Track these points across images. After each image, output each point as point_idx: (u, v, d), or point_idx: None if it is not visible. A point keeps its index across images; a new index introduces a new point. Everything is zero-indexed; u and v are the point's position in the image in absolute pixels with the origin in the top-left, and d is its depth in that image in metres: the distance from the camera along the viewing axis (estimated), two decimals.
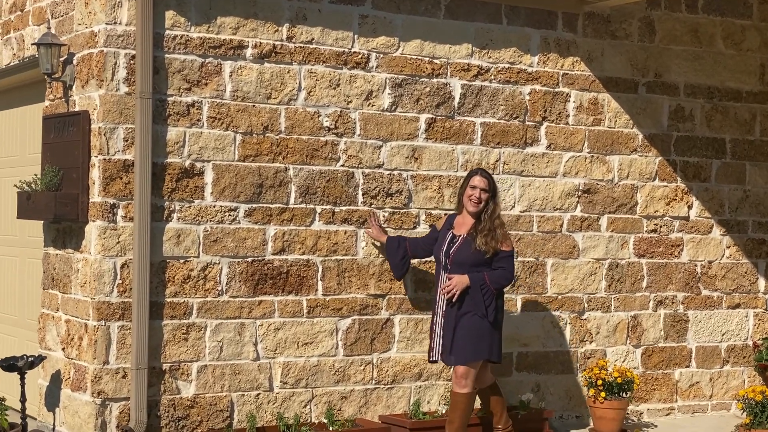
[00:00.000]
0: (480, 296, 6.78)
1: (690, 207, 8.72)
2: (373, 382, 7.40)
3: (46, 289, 7.28)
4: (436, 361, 6.99)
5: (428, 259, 7.35)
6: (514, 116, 7.93)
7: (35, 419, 7.30)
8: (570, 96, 8.15)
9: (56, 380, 7.04)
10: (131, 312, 6.59)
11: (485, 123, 7.81)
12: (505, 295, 7.83)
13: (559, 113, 8.11)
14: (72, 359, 6.83)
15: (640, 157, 8.49)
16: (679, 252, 8.67)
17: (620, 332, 8.41)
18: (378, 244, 7.35)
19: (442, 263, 6.92)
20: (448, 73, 7.66)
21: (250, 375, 7.00)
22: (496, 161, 7.86)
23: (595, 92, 8.26)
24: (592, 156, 8.27)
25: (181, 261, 6.79)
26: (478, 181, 6.90)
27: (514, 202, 7.94)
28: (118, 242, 6.60)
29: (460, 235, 6.90)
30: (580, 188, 8.22)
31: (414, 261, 7.42)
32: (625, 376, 7.82)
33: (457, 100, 7.70)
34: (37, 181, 6.98)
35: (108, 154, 6.58)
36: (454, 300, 6.79)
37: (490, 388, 7.12)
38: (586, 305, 8.25)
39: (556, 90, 8.09)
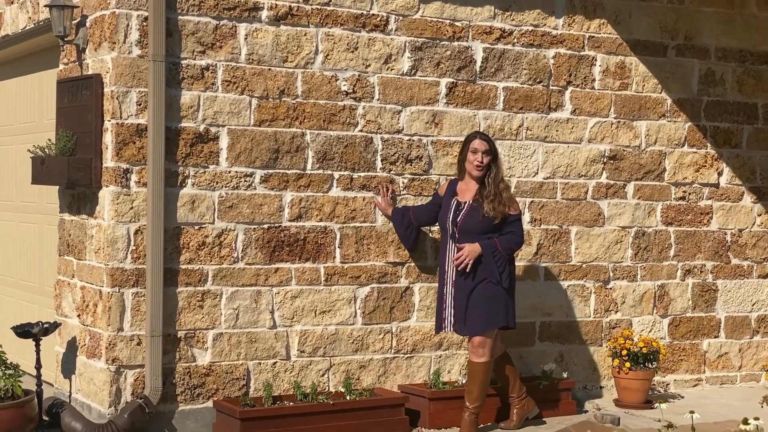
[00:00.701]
0: (493, 263, 6.64)
1: (720, 174, 8.50)
2: (392, 351, 7.29)
3: (61, 255, 7.22)
4: (444, 331, 6.88)
5: None
6: (538, 80, 7.74)
7: (52, 385, 7.27)
8: (596, 59, 7.95)
9: (72, 347, 6.99)
10: (145, 279, 6.51)
11: (508, 87, 7.62)
12: (528, 264, 7.70)
13: (585, 77, 7.90)
14: (87, 326, 6.78)
15: (669, 122, 8.28)
16: (708, 220, 8.46)
17: (647, 302, 8.23)
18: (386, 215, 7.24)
19: (449, 232, 6.78)
20: (470, 36, 7.48)
21: (267, 343, 6.91)
22: (519, 127, 7.68)
23: (623, 56, 8.04)
24: (619, 121, 8.07)
25: (196, 227, 6.69)
26: (478, 144, 6.75)
27: (538, 169, 7.76)
28: (132, 208, 6.51)
29: (466, 202, 6.76)
30: (606, 154, 8.03)
31: (434, 228, 7.28)
32: (651, 347, 7.67)
33: (478, 63, 7.52)
34: (51, 146, 6.90)
35: (121, 118, 6.48)
36: (467, 270, 6.65)
37: (501, 358, 6.99)
38: (611, 274, 8.08)
39: (582, 53, 7.88)
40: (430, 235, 7.34)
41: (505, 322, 6.74)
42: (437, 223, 7.05)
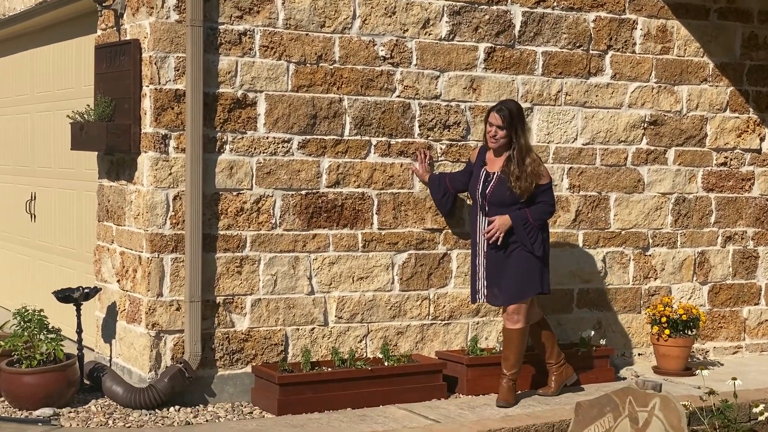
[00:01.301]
0: (524, 233, 6.58)
1: (762, 139, 8.39)
2: (430, 317, 7.28)
3: (100, 221, 7.25)
4: (477, 302, 6.86)
5: None
6: (578, 45, 7.65)
7: (92, 350, 7.33)
8: (637, 23, 7.84)
9: (112, 312, 7.04)
10: (184, 244, 6.53)
11: (547, 52, 7.54)
12: (567, 230, 7.66)
13: (626, 41, 7.81)
14: (127, 291, 6.81)
15: (711, 87, 8.17)
16: (749, 186, 8.36)
17: (686, 269, 8.16)
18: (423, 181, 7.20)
19: (478, 203, 6.72)
20: (509, 0, 7.39)
21: (305, 309, 6.92)
22: (558, 92, 7.60)
23: (664, 19, 7.93)
24: (660, 86, 7.97)
25: (234, 193, 6.70)
26: (493, 118, 6.64)
27: (577, 135, 7.69)
28: (171, 174, 6.52)
29: (494, 173, 6.67)
30: (647, 120, 7.94)
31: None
32: (691, 314, 7.62)
33: (517, 28, 7.44)
34: (90, 111, 6.92)
35: (159, 83, 6.47)
36: (499, 243, 6.61)
37: (538, 324, 6.96)
38: (650, 241, 8.01)
39: (623, 17, 7.78)
40: (468, 202, 7.30)
41: (539, 290, 6.70)
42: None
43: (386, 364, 6.91)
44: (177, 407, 6.50)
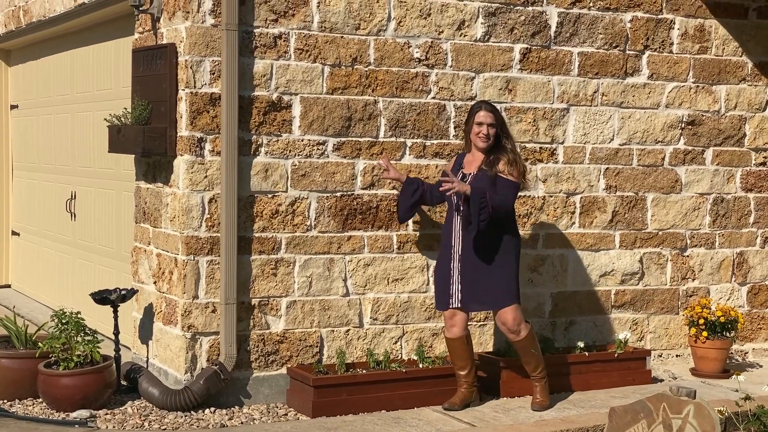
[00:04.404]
0: (477, 207, 6.28)
1: None
2: None
3: (138, 222, 7.32)
4: (457, 308, 6.55)
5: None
6: (614, 45, 7.59)
7: (129, 349, 7.40)
8: (674, 23, 7.77)
9: (149, 313, 7.10)
10: (220, 247, 6.57)
11: (583, 53, 7.50)
12: (603, 231, 7.61)
13: (663, 41, 7.74)
14: (163, 293, 6.87)
15: (749, 86, 8.08)
16: None
17: (725, 269, 8.09)
18: (394, 184, 7.01)
19: (453, 203, 6.55)
20: (545, 1, 7.35)
21: (340, 311, 6.94)
22: (594, 92, 7.55)
23: (702, 18, 7.85)
24: (697, 86, 7.89)
25: (269, 195, 6.73)
26: (483, 116, 6.49)
27: (613, 135, 7.64)
28: (206, 176, 6.57)
29: (470, 173, 6.53)
30: (684, 120, 7.87)
31: None
32: (729, 315, 7.55)
33: (553, 29, 7.40)
34: (127, 114, 6.98)
35: (195, 87, 6.51)
36: (448, 194, 6.40)
37: (467, 340, 6.68)
38: (688, 241, 7.95)
39: (660, 17, 7.71)
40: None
41: (517, 300, 6.55)
42: (441, 203, 6.86)
43: (421, 365, 6.91)
44: (212, 409, 6.55)
